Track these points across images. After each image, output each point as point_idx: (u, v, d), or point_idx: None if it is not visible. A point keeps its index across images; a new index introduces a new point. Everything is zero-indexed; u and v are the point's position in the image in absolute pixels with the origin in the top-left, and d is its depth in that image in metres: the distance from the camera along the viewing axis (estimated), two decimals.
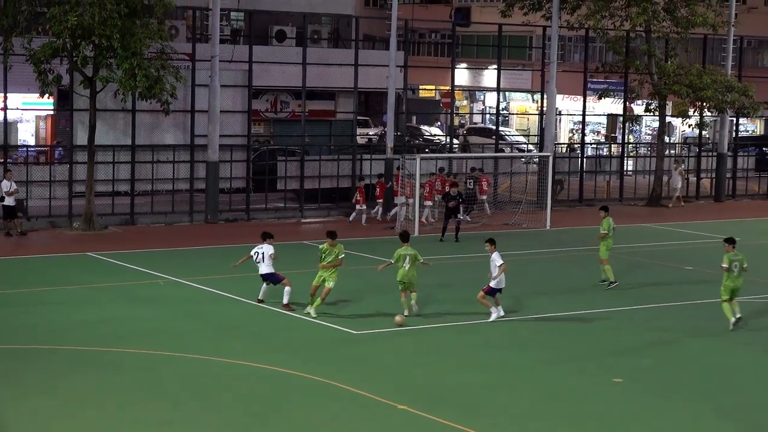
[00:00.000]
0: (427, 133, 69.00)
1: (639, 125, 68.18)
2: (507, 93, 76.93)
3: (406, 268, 27.12)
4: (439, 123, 74.87)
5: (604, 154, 61.60)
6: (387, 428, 19.23)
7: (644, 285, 32.71)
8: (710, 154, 58.19)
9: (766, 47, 71.62)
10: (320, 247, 27.49)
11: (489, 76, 66.86)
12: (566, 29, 55.07)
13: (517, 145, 66.25)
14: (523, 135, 70.59)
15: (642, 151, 63.99)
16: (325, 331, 25.99)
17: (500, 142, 59.28)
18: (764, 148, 63.20)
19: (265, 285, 28.19)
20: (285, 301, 27.67)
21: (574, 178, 53.72)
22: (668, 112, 55.51)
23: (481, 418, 19.59)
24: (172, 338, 25.04)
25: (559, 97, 53.97)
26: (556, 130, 56.88)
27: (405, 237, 28.14)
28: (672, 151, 60.22)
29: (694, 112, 55.05)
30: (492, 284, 26.72)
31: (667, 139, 58.76)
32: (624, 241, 40.65)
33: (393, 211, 43.71)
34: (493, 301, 27.11)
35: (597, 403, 20.93)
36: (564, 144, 65.10)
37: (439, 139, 65.62)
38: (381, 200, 44.61)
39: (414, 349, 24.64)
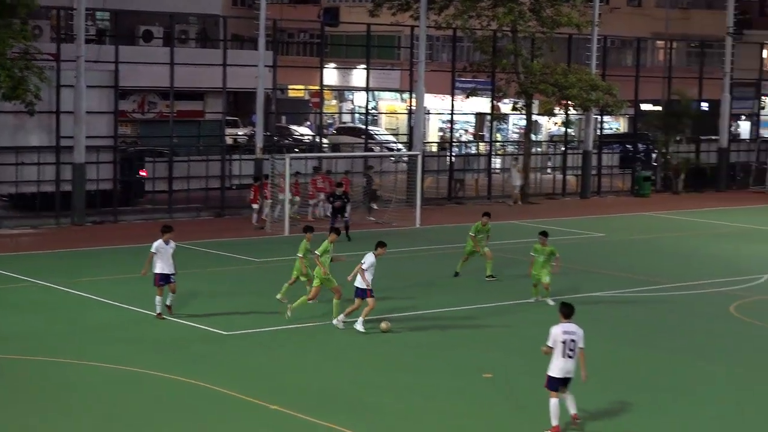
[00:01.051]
0: (296, 133, 68.93)
1: (506, 124, 69.03)
2: (376, 92, 77.14)
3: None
4: (308, 123, 74.83)
5: (473, 152, 62.18)
6: (258, 429, 19.16)
7: (519, 277, 33.06)
8: (576, 151, 59.14)
9: (628, 47, 72.94)
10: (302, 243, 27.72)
11: (358, 76, 67.03)
12: (434, 29, 55.48)
13: (386, 144, 66.52)
14: (392, 134, 70.93)
15: (509, 149, 64.76)
16: (194, 332, 25.81)
17: (370, 141, 59.45)
18: (628, 146, 64.43)
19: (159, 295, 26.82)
20: (168, 302, 27.00)
21: (442, 176, 54.12)
22: (535, 110, 56.30)
23: (354, 417, 19.63)
24: (36, 341, 24.63)
25: (427, 96, 54.30)
26: (424, 128, 57.20)
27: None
28: (538, 149, 61.05)
29: (559, 110, 55.94)
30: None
31: (533, 137, 59.60)
32: (496, 238, 41.12)
33: (265, 212, 43.51)
34: (359, 304, 26.64)
35: (468, 400, 21.09)
36: (433, 143, 65.52)
37: (308, 138, 65.60)
38: (269, 200, 44.15)
39: (287, 350, 24.60)
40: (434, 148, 61.26)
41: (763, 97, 68.58)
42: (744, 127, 72.60)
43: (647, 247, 40.90)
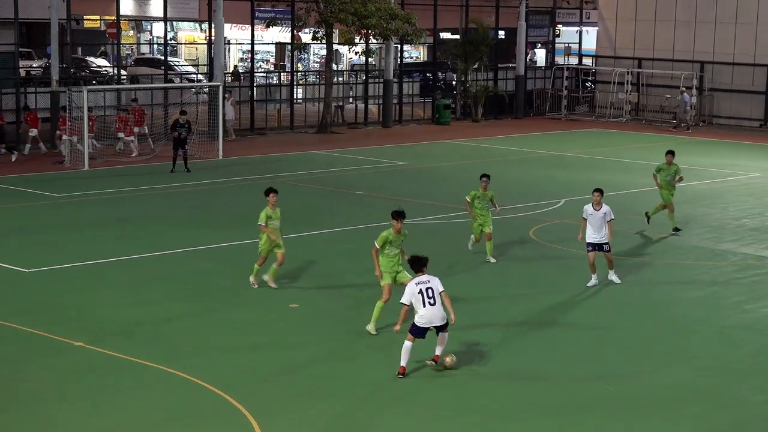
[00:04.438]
0: (93, 65, 67.35)
1: (307, 54, 68.88)
2: (174, 22, 75.88)
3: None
4: (105, 54, 73.15)
5: (274, 82, 61.91)
6: (63, 366, 18.84)
7: (317, 211, 33.18)
8: (377, 80, 59.49)
9: None
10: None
11: (155, 6, 65.68)
12: None
13: (186, 76, 65.64)
14: (192, 65, 69.99)
15: (311, 79, 64.70)
16: None
17: (169, 72, 58.54)
18: (428, 74, 65.12)
19: None
20: None
21: (244, 107, 53.77)
22: (335, 40, 56.29)
23: (160, 350, 19.49)
24: None
25: (227, 26, 53.72)
26: (225, 59, 56.61)
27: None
28: (340, 79, 61.14)
29: (360, 39, 56.06)
30: None
31: (334, 66, 59.66)
32: (296, 168, 41.21)
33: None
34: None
35: (274, 330, 21.16)
36: (231, 73, 64.92)
37: (106, 70, 64.18)
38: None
39: (90, 285, 24.18)
40: (231, 79, 60.71)
41: (557, 25, 70.03)
42: (540, 55, 74.12)
43: (449, 174, 41.50)
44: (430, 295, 18.44)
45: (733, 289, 25.04)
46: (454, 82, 64.32)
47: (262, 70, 67.93)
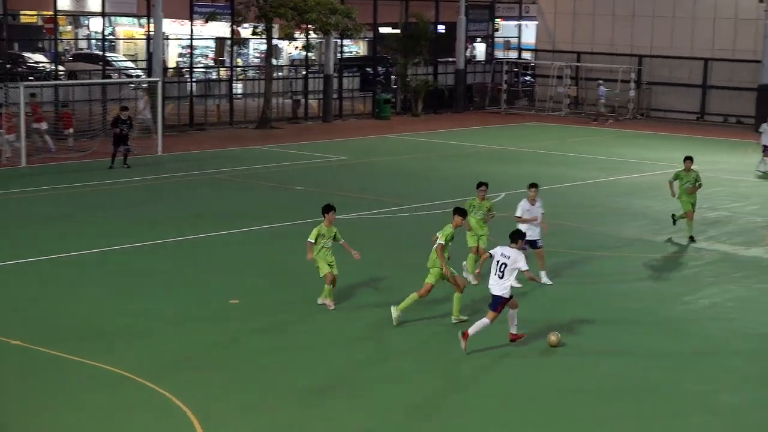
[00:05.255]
0: (30, 61, 66.63)
1: (247, 48, 68.54)
2: (113, 18, 75.21)
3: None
4: (43, 50, 72.39)
5: (214, 78, 61.60)
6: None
7: (259, 206, 33.09)
8: (317, 75, 59.40)
9: None
10: None
11: (93, 1, 65.13)
12: None
13: (125, 71, 65.12)
14: (131, 60, 69.44)
15: (251, 74, 64.41)
16: None
17: (108, 68, 58.06)
18: (368, 69, 65.09)
19: None
20: None
21: (184, 102, 53.47)
22: (275, 35, 56.11)
23: (96, 348, 19.35)
24: None
25: (166, 21, 53.35)
26: (164, 54, 56.23)
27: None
28: (280, 74, 60.98)
29: (300, 34, 55.92)
30: None
31: (274, 61, 59.48)
32: (236, 164, 41.06)
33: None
34: None
35: (216, 328, 21.05)
36: (172, 69, 64.51)
37: (43, 66, 63.56)
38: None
39: (30, 283, 23.96)
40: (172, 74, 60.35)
41: (496, 20, 70.25)
42: (479, 49, 74.26)
43: (389, 169, 41.56)
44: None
45: (674, 281, 25.29)
46: (393, 77, 64.31)
47: (202, 65, 67.54)
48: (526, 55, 71.83)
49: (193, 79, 55.72)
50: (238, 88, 58.22)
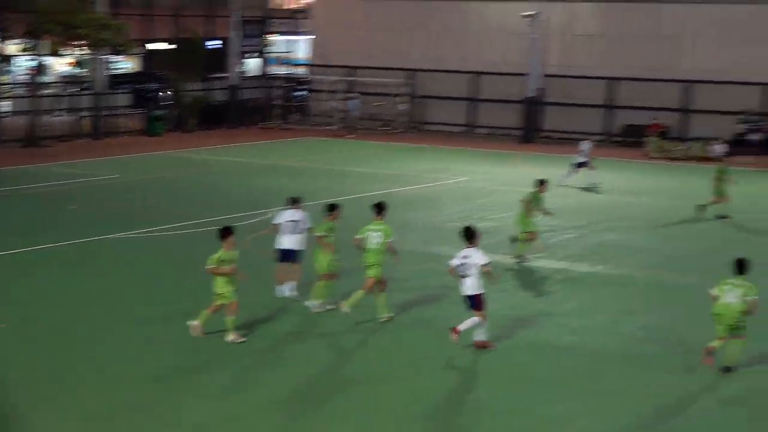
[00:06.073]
0: None
1: (13, 65, 66.81)
2: None
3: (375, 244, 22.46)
4: None
5: None
6: None
7: (29, 227, 32.20)
8: (88, 92, 58.26)
9: None
10: None
11: None
12: None
13: None
14: None
15: (19, 91, 62.80)
16: None
17: None
18: (140, 85, 64.26)
19: None
20: None
21: None
22: (44, 51, 54.85)
23: None
24: None
25: None
26: None
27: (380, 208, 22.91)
28: (48, 91, 59.61)
29: (72, 50, 54.82)
30: None
31: (43, 78, 58.14)
32: (4, 184, 39.92)
33: None
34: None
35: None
36: None
37: None
38: None
39: None
40: None
41: (268, 36, 70.46)
42: (253, 65, 74.33)
43: (161, 186, 41.09)
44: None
45: (442, 291, 25.65)
46: (166, 93, 63.64)
47: None
48: (301, 70, 72.20)
49: None
50: (3, 106, 56.55)
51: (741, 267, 20.12)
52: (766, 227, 35.34)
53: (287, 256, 24.18)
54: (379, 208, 22.79)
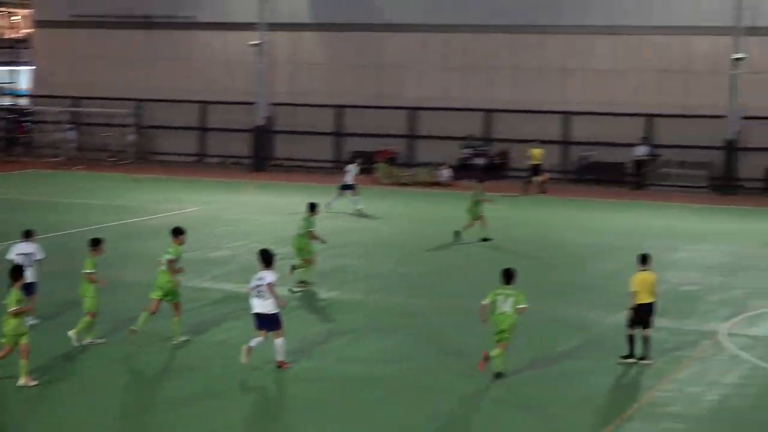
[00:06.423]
0: None
1: None
2: None
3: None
4: None
5: None
6: None
7: None
8: None
9: None
10: None
11: None
12: None
13: None
14: None
15: None
16: None
17: None
18: None
19: None
20: None
21: None
22: None
23: None
24: None
25: None
26: None
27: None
28: None
29: None
30: None
31: None
32: None
33: None
34: None
35: None
36: None
37: None
38: None
39: None
40: None
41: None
42: None
43: None
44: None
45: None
46: None
47: None
48: (23, 101, 70.16)
49: None
50: None
51: (508, 277, 21.24)
52: (509, 249, 36.18)
53: (25, 289, 23.41)
54: (177, 232, 24.28)
